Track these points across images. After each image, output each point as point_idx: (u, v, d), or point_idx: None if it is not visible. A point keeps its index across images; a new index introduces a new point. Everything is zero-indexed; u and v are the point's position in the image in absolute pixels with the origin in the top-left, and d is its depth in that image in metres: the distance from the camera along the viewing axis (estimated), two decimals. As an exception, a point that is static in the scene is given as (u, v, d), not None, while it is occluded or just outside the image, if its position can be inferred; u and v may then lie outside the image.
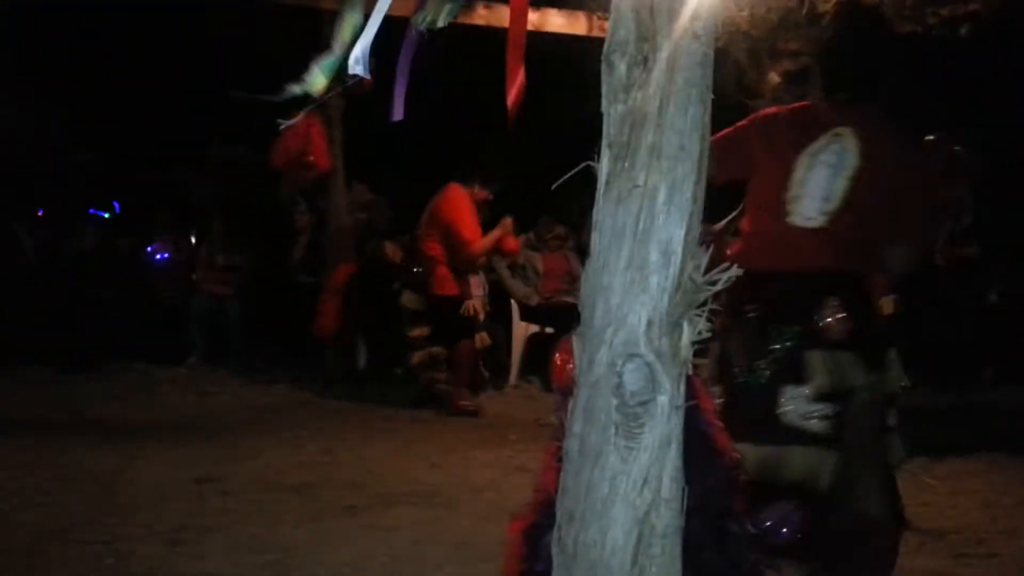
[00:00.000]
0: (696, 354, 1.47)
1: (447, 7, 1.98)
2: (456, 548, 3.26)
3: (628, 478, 1.35)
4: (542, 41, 5.49)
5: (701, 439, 1.52)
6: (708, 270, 1.37)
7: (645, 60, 1.35)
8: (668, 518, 1.38)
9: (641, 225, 1.37)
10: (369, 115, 6.47)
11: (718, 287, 1.37)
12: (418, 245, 5.72)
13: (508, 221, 5.71)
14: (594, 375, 1.38)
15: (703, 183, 1.41)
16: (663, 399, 1.34)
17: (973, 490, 4.22)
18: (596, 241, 1.42)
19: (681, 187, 1.37)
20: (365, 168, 6.93)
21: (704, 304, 1.38)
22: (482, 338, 5.70)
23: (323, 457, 4.64)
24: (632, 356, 1.34)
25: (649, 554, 1.37)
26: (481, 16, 5.83)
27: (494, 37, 5.72)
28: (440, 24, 1.91)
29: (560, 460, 1.45)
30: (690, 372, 1.52)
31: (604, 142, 1.42)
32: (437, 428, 5.41)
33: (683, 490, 1.42)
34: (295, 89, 1.81)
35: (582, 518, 1.37)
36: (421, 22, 1.90)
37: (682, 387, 1.38)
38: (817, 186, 2.25)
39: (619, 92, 1.38)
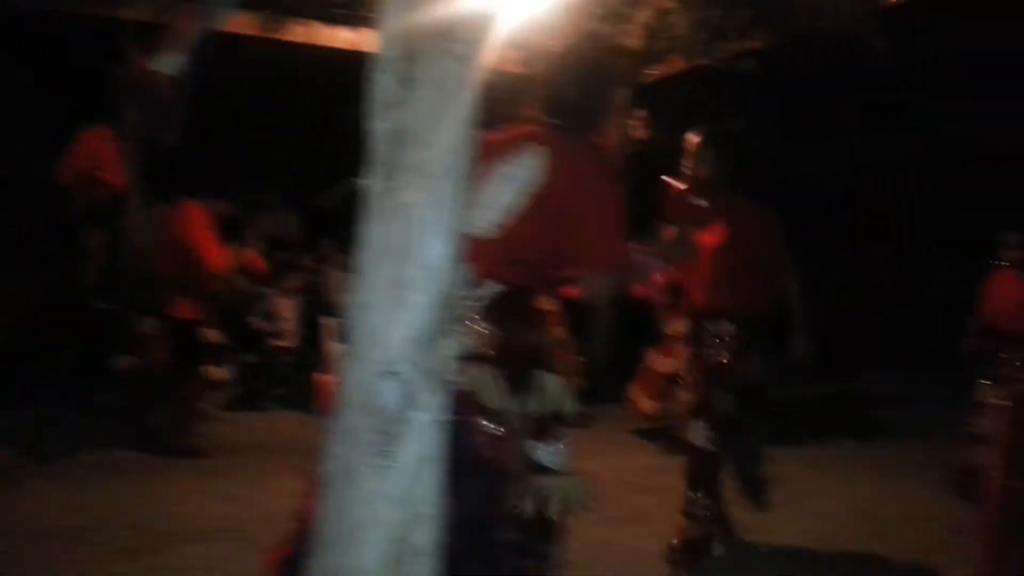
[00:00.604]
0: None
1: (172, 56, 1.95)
2: (247, 585, 3.09)
3: (384, 498, 1.33)
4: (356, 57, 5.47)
5: (465, 453, 1.54)
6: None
7: (411, 79, 1.37)
8: (427, 535, 1.37)
9: (404, 242, 1.37)
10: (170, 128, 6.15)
11: (478, 303, 1.39)
12: (152, 266, 5.41)
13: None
14: (353, 394, 1.36)
15: (466, 202, 1.43)
16: (421, 416, 1.34)
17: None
18: (361, 259, 1.41)
19: (445, 205, 1.39)
20: (166, 186, 6.53)
21: (465, 320, 1.40)
22: (213, 372, 5.40)
23: (105, 497, 4.27)
24: (390, 374, 1.33)
25: (408, 572, 1.36)
26: (298, 33, 5.73)
27: (312, 55, 5.63)
28: (169, 72, 1.85)
29: (320, 485, 1.41)
30: (458, 388, 1.54)
31: (370, 159, 1.41)
32: (237, 459, 5.14)
33: (446, 505, 1.42)
34: None
35: (336, 543, 1.34)
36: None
37: (443, 403, 1.39)
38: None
39: (384, 110, 1.38)
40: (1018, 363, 4.31)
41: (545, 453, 2.08)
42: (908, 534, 3.96)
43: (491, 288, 1.40)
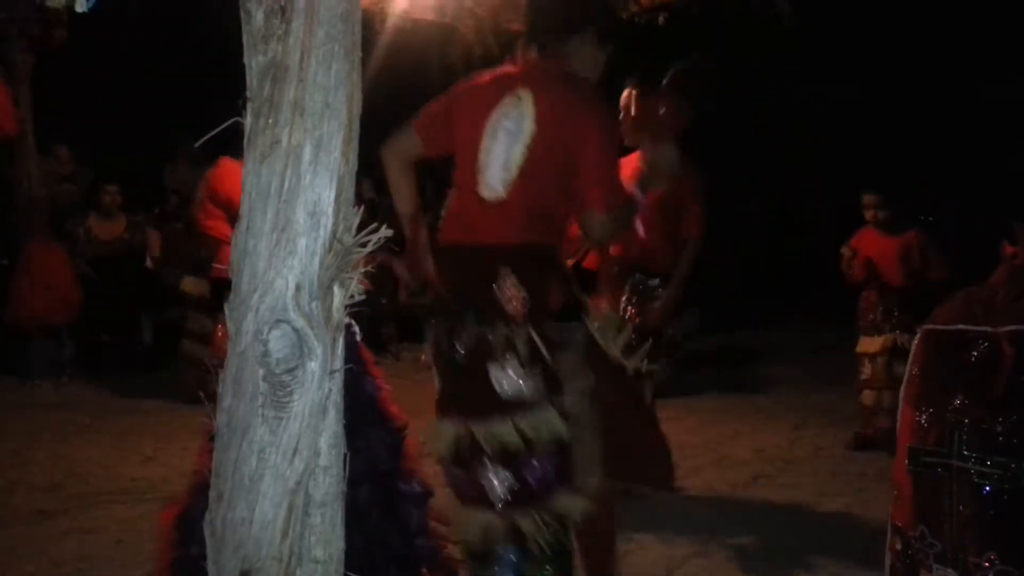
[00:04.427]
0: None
1: None
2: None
3: (277, 449, 1.29)
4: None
5: (367, 404, 1.51)
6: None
7: (283, 10, 1.28)
8: (327, 486, 1.34)
9: (287, 185, 1.31)
10: (63, 73, 5.79)
11: (369, 249, 1.35)
12: (197, 226, 5.18)
13: None
14: (241, 344, 1.31)
15: (355, 143, 1.37)
16: (313, 365, 1.30)
17: (668, 434, 4.68)
18: (243, 202, 1.34)
19: (328, 146, 1.32)
20: (59, 133, 6.18)
21: (357, 267, 1.36)
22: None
23: (13, 460, 4.12)
24: (278, 322, 1.28)
25: (307, 524, 1.33)
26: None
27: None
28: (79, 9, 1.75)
29: (213, 439, 1.36)
30: (357, 336, 1.50)
31: (247, 96, 1.33)
32: (157, 419, 5.01)
33: (346, 456, 1.39)
34: None
35: (230, 496, 1.30)
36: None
37: (337, 352, 1.35)
38: (498, 155, 2.16)
39: (258, 43, 1.30)
40: (893, 312, 4.38)
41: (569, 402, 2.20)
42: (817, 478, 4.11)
43: (384, 233, 1.34)
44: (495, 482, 2.12)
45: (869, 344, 4.44)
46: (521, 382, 2.11)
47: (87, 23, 5.28)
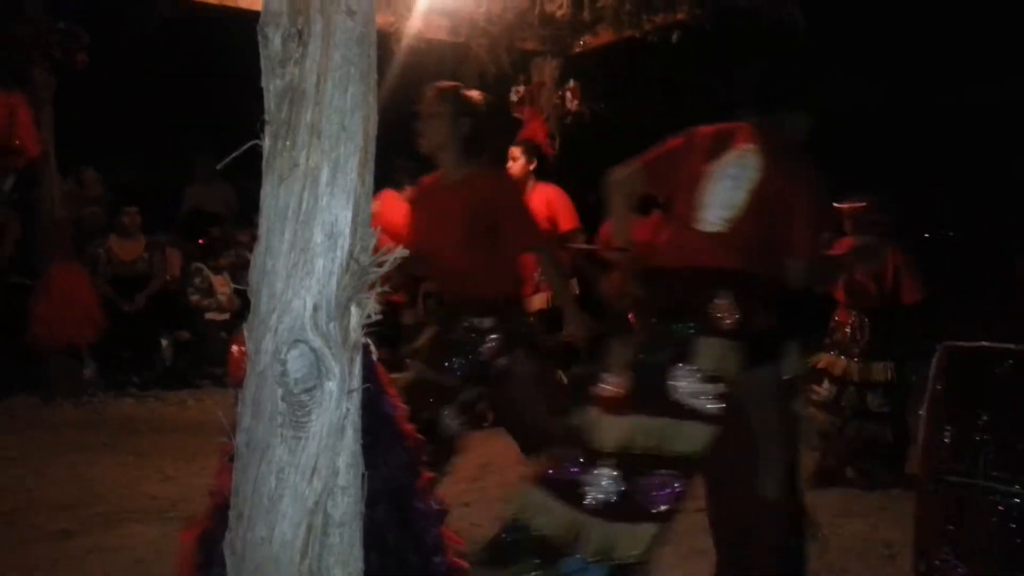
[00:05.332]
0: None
1: None
2: (184, 563, 3.04)
3: (296, 469, 1.30)
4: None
5: (384, 423, 1.51)
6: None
7: (300, 34, 1.30)
8: (346, 506, 1.35)
9: (304, 206, 1.32)
10: (84, 94, 5.88)
11: (386, 268, 1.36)
12: None
13: None
14: (260, 364, 1.32)
15: (371, 165, 1.38)
16: (331, 385, 1.30)
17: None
18: (261, 223, 1.36)
19: (345, 168, 1.33)
20: (79, 155, 6.27)
21: (374, 286, 1.36)
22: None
23: (35, 479, 4.15)
24: (296, 342, 1.29)
25: (326, 544, 1.33)
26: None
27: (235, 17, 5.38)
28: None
29: (232, 459, 1.37)
30: (374, 357, 1.51)
31: (265, 119, 1.35)
32: (178, 437, 5.04)
33: (364, 475, 1.39)
34: None
35: (250, 516, 1.30)
36: None
37: (355, 371, 1.35)
38: (720, 196, 2.44)
39: (275, 67, 1.32)
40: (859, 335, 4.19)
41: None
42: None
43: (402, 253, 1.35)
44: (601, 484, 2.26)
45: (833, 363, 4.21)
46: (698, 388, 2.29)
47: (107, 45, 5.38)
